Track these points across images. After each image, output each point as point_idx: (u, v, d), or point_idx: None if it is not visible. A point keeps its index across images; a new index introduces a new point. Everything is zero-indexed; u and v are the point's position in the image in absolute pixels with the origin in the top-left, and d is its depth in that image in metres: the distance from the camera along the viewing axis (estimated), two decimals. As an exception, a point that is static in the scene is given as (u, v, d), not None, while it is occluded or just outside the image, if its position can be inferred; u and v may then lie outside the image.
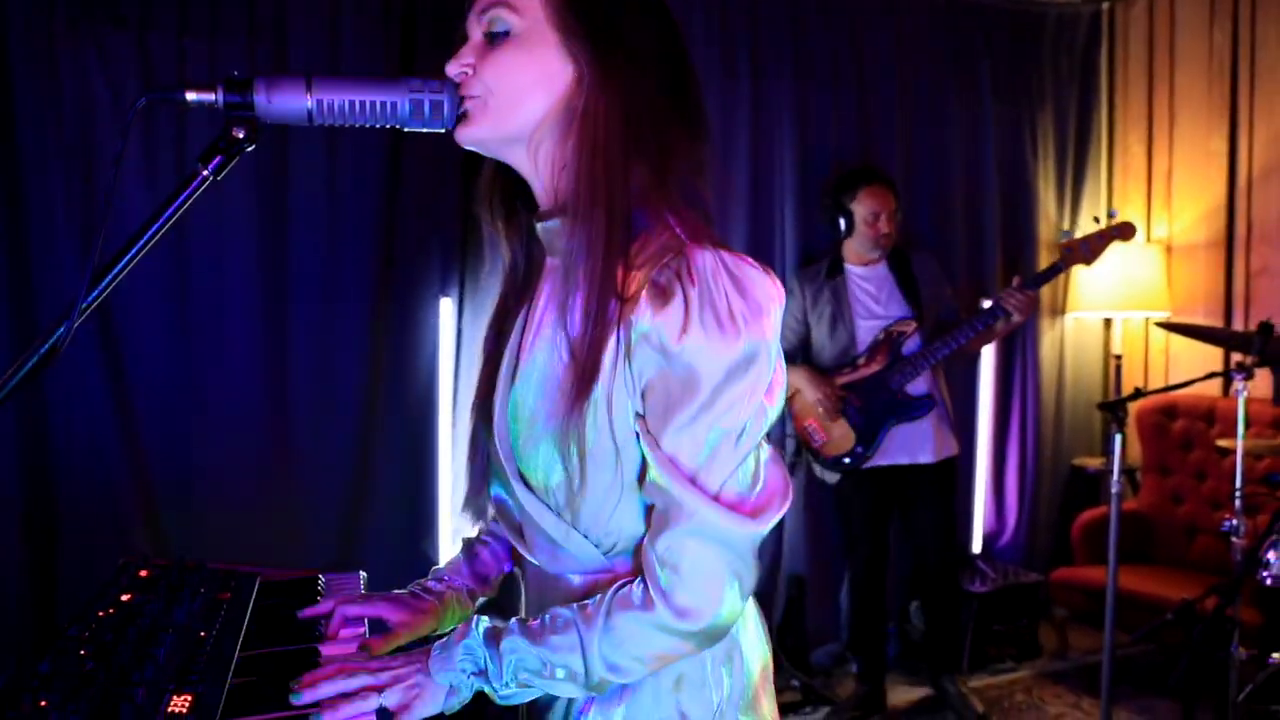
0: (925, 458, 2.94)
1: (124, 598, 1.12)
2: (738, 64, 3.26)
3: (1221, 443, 2.61)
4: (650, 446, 0.87)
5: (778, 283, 0.88)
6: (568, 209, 0.91)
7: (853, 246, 2.98)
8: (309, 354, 2.76)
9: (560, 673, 0.88)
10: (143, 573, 1.21)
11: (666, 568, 0.86)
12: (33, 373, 0.83)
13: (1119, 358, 3.85)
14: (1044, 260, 3.88)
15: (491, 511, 1.12)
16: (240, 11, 2.64)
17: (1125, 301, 3.62)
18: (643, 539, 0.91)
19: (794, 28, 3.37)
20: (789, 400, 3.00)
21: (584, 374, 0.87)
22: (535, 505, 0.95)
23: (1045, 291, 3.88)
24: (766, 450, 0.91)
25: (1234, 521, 2.39)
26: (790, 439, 3.08)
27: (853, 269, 3.00)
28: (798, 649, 3.30)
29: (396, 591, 1.16)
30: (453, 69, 0.94)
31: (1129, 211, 3.99)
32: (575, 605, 0.90)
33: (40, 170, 2.45)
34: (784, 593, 3.39)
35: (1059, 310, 3.95)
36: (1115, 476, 2.55)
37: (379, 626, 1.11)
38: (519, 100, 0.92)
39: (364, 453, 2.82)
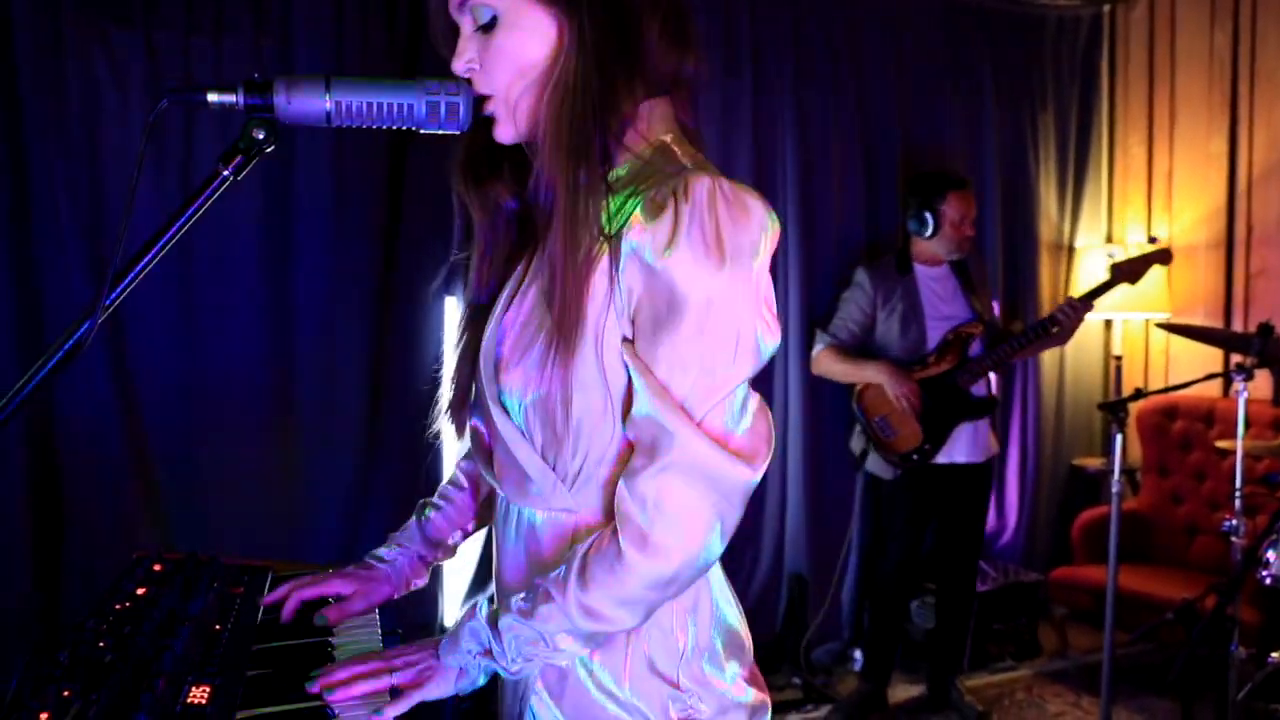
0: (976, 457, 3.00)
1: (139, 591, 1.14)
2: (739, 64, 3.27)
3: (1221, 444, 2.63)
4: (639, 372, 0.87)
5: (773, 216, 0.89)
6: (541, 149, 0.91)
7: (931, 246, 3.02)
8: (313, 351, 2.76)
9: (562, 640, 0.90)
10: (156, 566, 1.23)
11: (648, 506, 0.86)
12: (56, 369, 0.84)
13: (1119, 358, 3.86)
14: (1045, 262, 3.90)
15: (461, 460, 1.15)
16: (246, 9, 2.65)
17: (1125, 302, 3.63)
18: (613, 481, 0.91)
19: (795, 29, 3.38)
20: (861, 393, 3.03)
21: (566, 304, 0.88)
22: (511, 432, 0.95)
23: (1046, 292, 3.91)
24: (755, 398, 0.91)
25: (1234, 521, 2.41)
26: (860, 432, 3.10)
27: (921, 269, 3.04)
28: (799, 648, 3.32)
29: (349, 567, 1.20)
30: (459, 67, 0.95)
31: (1129, 213, 4.01)
32: (553, 573, 0.92)
33: (45, 167, 2.46)
34: (785, 592, 3.40)
35: (1059, 311, 3.96)
36: (1116, 476, 2.56)
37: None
38: (529, 78, 0.92)
39: (368, 449, 2.83)
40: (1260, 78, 3.51)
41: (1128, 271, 2.92)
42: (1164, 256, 2.97)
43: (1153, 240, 3.03)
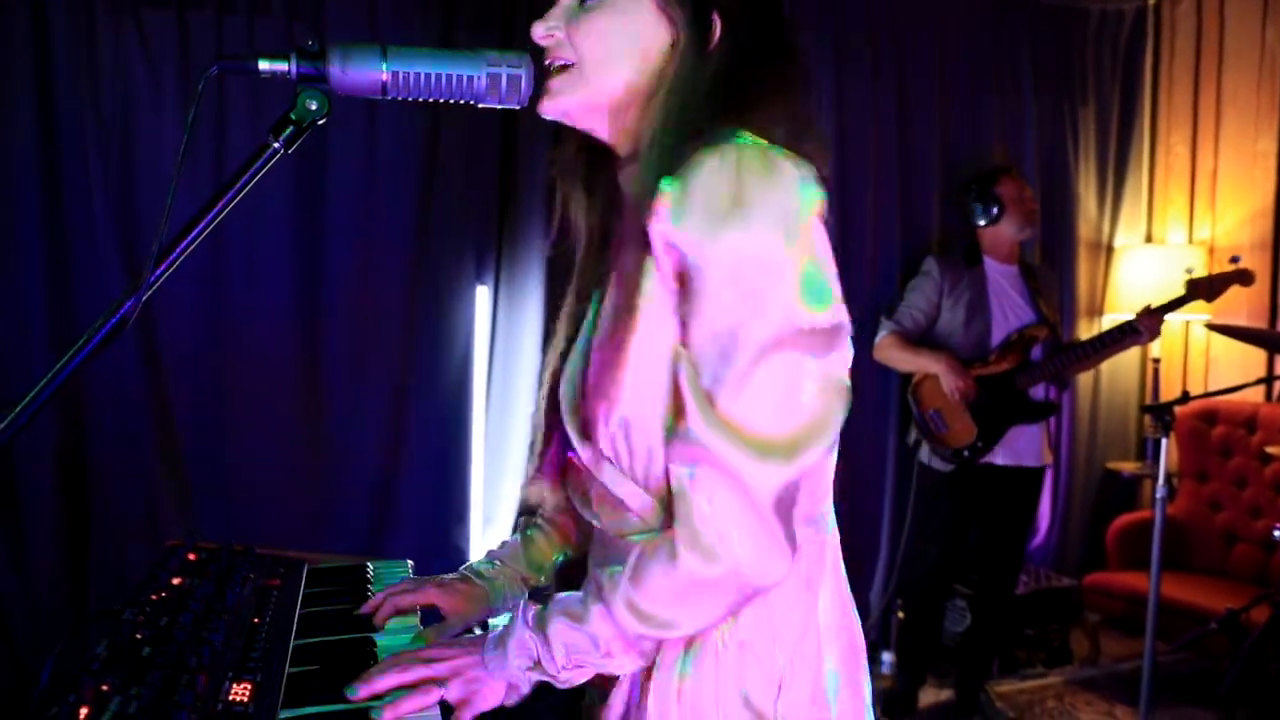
0: (1030, 461, 2.94)
1: (174, 581, 1.10)
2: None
3: (1272, 449, 2.55)
4: (681, 360, 0.81)
5: (809, 181, 0.80)
6: (642, 161, 0.87)
7: (1002, 231, 2.97)
8: (343, 341, 2.74)
9: (613, 645, 0.85)
10: (191, 556, 1.20)
11: (696, 506, 0.80)
12: (99, 348, 0.80)
13: (1157, 360, 3.78)
14: (1083, 260, 3.82)
15: (550, 500, 1.09)
16: (279, -10, 2.62)
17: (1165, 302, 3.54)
18: None
19: (835, 19, 3.32)
20: (917, 385, 2.98)
21: (624, 309, 0.84)
22: (593, 458, 0.91)
23: (1083, 292, 3.83)
24: (822, 374, 0.80)
25: (1284, 530, 2.33)
26: (914, 423, 3.05)
27: (992, 264, 2.99)
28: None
29: (447, 576, 1.13)
30: (539, 31, 0.90)
31: (1170, 211, 3.92)
32: (608, 570, 0.87)
33: (78, 146, 2.44)
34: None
35: (1097, 311, 3.88)
36: (1160, 482, 2.49)
37: (431, 614, 1.09)
38: (611, 67, 0.89)
39: (396, 440, 2.80)
40: (1312, 75, 3.41)
41: (1205, 289, 2.82)
42: (1245, 278, 2.84)
43: (1234, 260, 2.91)
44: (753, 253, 0.77)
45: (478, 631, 1.11)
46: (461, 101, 0.90)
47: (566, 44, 0.90)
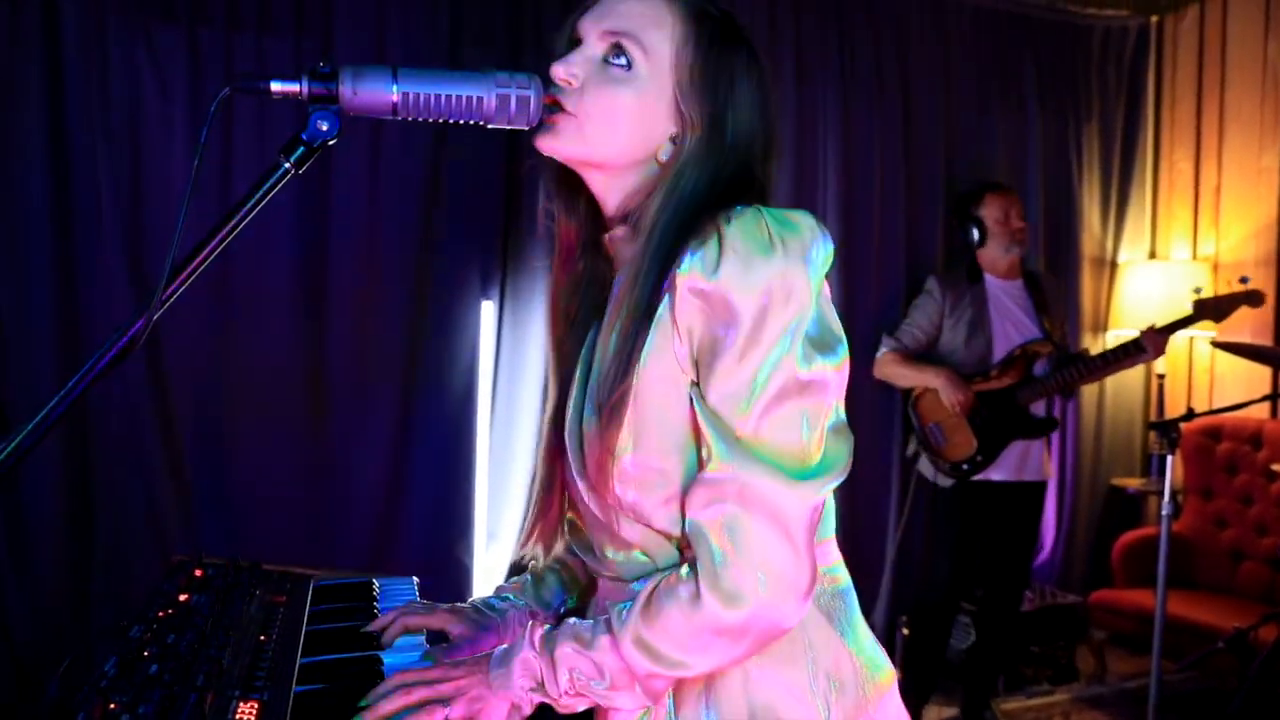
0: (1030, 476, 2.94)
1: (181, 597, 1.10)
2: (781, 70, 3.23)
3: (1277, 466, 2.54)
4: (700, 405, 0.84)
5: (825, 233, 0.86)
6: (638, 229, 0.90)
7: (989, 253, 2.98)
8: (348, 355, 2.74)
9: (619, 679, 0.85)
10: (197, 571, 1.20)
11: (718, 546, 0.81)
12: (109, 367, 0.80)
13: (1162, 376, 3.77)
14: (1087, 276, 3.83)
15: (561, 548, 1.10)
16: (288, 8, 2.64)
17: (1169, 319, 3.54)
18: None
19: (840, 36, 3.33)
20: (917, 399, 2.99)
21: (626, 360, 0.85)
22: (603, 509, 0.92)
23: (1087, 307, 3.83)
24: (830, 417, 0.86)
25: (1291, 548, 2.32)
26: (915, 437, 3.06)
27: (993, 281, 2.99)
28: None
29: (459, 604, 1.14)
30: (559, 71, 0.92)
31: (1174, 226, 3.92)
32: (618, 604, 0.88)
33: (89, 159, 2.46)
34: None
35: (1101, 327, 3.88)
36: (1166, 499, 2.49)
37: (440, 637, 1.09)
38: (613, 136, 0.91)
39: (400, 455, 2.81)
40: (1315, 92, 3.42)
41: (1213, 309, 2.82)
42: (1254, 298, 2.83)
43: (1243, 280, 2.91)
44: (785, 285, 0.81)
45: None
46: (470, 122, 0.91)
47: (579, 96, 0.91)
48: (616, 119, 0.90)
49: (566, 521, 1.05)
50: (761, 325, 0.81)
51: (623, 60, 0.90)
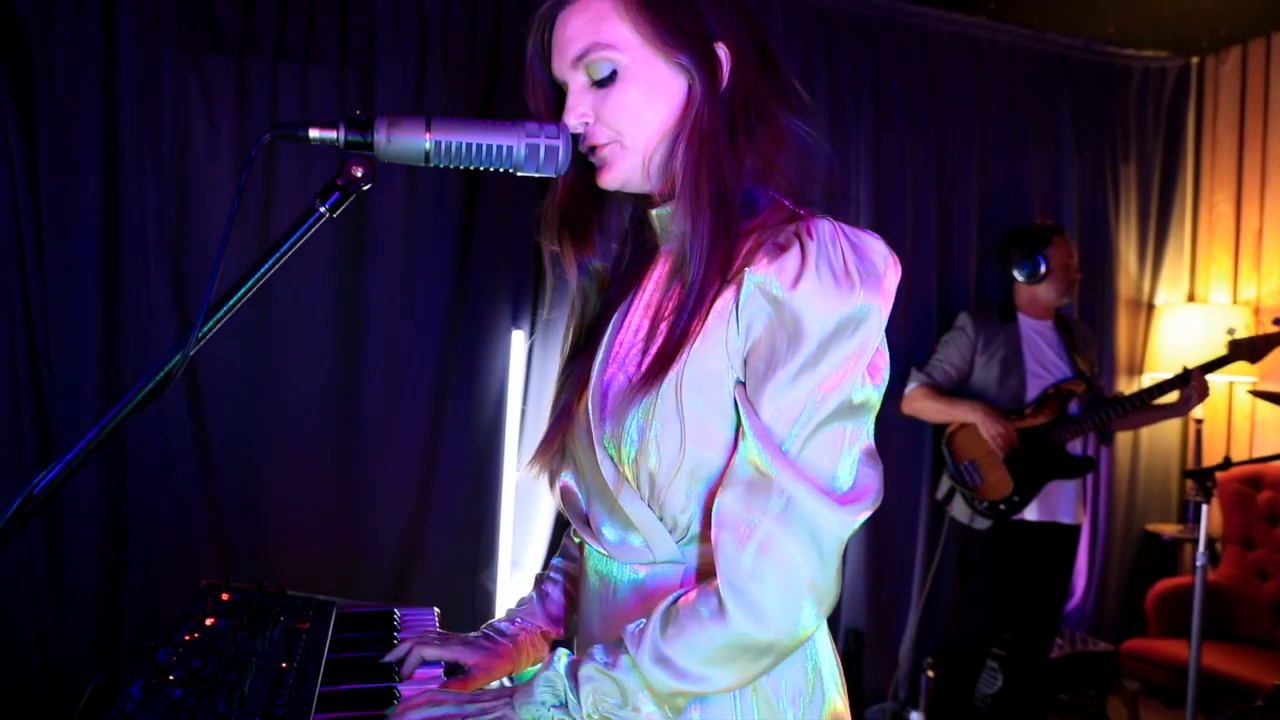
0: (1065, 518, 2.91)
1: (208, 621, 1.13)
2: (815, 105, 3.24)
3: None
4: (748, 414, 0.85)
5: (895, 257, 0.88)
6: (680, 197, 0.91)
7: (1040, 292, 2.96)
8: (379, 383, 2.78)
9: (642, 700, 0.85)
10: (224, 596, 1.22)
11: (747, 560, 0.82)
12: (148, 398, 0.84)
13: (1200, 422, 3.70)
14: (1122, 318, 3.78)
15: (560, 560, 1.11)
16: (333, 40, 2.72)
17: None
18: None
19: (874, 72, 3.35)
20: (951, 435, 2.96)
21: (675, 342, 0.87)
22: (615, 478, 0.93)
23: (1123, 350, 3.78)
24: (866, 440, 0.87)
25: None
26: (946, 476, 3.03)
27: (1026, 320, 2.99)
28: (853, 707, 3.20)
29: (470, 635, 1.15)
30: (572, 122, 0.94)
31: (1214, 270, 3.87)
32: (634, 623, 0.88)
33: (137, 185, 2.53)
34: (841, 648, 3.30)
35: (1137, 369, 3.82)
36: (1201, 549, 2.44)
37: (455, 669, 1.11)
38: (648, 130, 0.93)
39: (428, 482, 2.83)
40: (1361, 136, 3.36)
41: (1248, 350, 2.79)
42: None
43: (1277, 322, 2.87)
44: (857, 317, 0.84)
45: (506, 683, 1.13)
46: (500, 169, 0.94)
47: (601, 125, 0.94)
48: (642, 116, 0.93)
49: (560, 491, 1.07)
50: (825, 351, 0.83)
51: (606, 70, 0.92)
